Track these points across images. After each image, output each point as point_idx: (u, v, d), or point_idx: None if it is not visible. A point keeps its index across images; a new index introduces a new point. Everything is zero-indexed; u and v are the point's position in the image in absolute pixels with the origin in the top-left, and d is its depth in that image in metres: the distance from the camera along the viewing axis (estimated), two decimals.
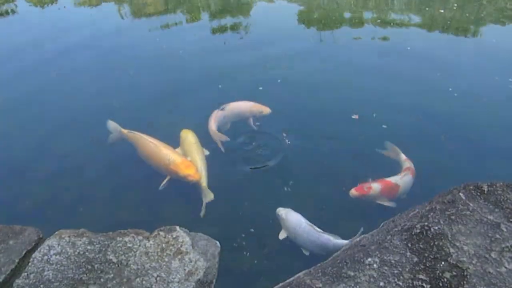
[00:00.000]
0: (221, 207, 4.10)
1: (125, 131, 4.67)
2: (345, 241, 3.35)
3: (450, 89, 5.83)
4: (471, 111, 5.46)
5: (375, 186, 4.02)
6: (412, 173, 4.21)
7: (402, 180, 4.13)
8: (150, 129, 4.75)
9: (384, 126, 5.04)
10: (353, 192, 4.00)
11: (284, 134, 4.91)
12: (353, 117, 5.15)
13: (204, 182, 4.24)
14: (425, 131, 5.08)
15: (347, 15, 9.13)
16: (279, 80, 5.95)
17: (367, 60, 6.78)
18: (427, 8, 9.36)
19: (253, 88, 5.74)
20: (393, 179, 4.13)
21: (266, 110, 5.06)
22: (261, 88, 5.66)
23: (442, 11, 9.14)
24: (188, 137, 4.71)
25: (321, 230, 3.52)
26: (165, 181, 4.16)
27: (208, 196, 4.13)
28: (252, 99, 5.26)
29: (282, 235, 3.65)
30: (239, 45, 7.47)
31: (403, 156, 4.40)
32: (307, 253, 3.54)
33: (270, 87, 5.80)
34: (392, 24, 8.51)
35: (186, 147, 4.60)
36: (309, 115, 5.28)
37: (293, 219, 3.65)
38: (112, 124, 4.80)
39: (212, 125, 4.90)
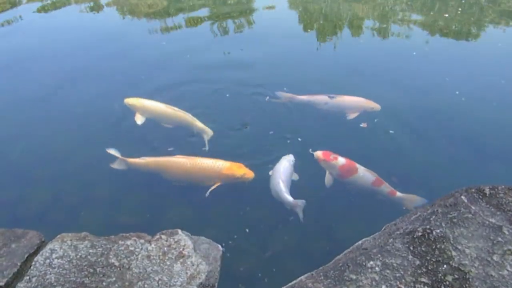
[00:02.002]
0: (223, 210, 4.11)
1: (143, 160, 4.41)
2: (290, 198, 3.80)
3: (457, 92, 5.85)
4: (476, 114, 5.49)
5: (340, 160, 4.21)
6: (378, 182, 4.13)
7: (365, 172, 4.18)
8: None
9: (391, 131, 5.05)
10: (319, 154, 4.28)
11: (300, 139, 4.92)
12: (361, 125, 5.15)
13: (198, 123, 4.90)
14: (429, 134, 5.10)
15: (349, 19, 9.15)
16: (285, 88, 5.97)
17: (373, 65, 6.80)
18: (431, 13, 9.37)
19: (261, 97, 5.76)
20: (359, 165, 4.21)
21: (378, 107, 5.28)
22: (267, 97, 5.70)
23: (446, 15, 9.15)
24: (140, 101, 5.20)
25: (283, 184, 3.93)
26: (213, 187, 4.14)
27: (208, 133, 4.80)
28: (260, 111, 5.41)
29: (270, 172, 4.21)
30: (240, 53, 7.50)
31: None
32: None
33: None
34: (396, 29, 8.54)
35: (149, 108, 5.12)
36: (318, 123, 5.30)
37: (279, 164, 4.17)
38: (121, 160, 4.46)
39: (303, 96, 5.34)
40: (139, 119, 5.07)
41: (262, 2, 10.15)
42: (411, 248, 2.02)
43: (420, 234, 2.08)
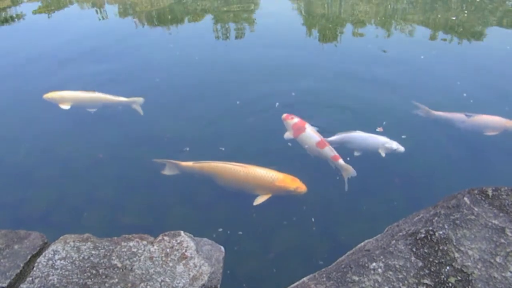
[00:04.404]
0: (226, 211, 4.11)
1: (197, 164, 4.38)
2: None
3: (465, 94, 5.85)
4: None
5: (294, 119, 4.97)
6: (322, 144, 4.58)
7: (311, 132, 4.73)
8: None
9: (403, 136, 5.04)
10: (284, 115, 5.10)
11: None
12: (377, 130, 5.14)
13: (122, 98, 5.48)
14: (434, 135, 5.09)
15: (352, 22, 9.15)
16: (293, 93, 5.97)
17: (380, 69, 6.79)
18: (439, 15, 9.36)
19: (270, 103, 5.78)
20: (309, 126, 4.84)
21: None
22: (277, 103, 5.71)
23: (454, 18, 9.14)
24: (58, 93, 5.51)
25: (339, 136, 4.81)
26: (264, 198, 4.08)
27: (137, 101, 5.43)
28: (269, 115, 5.42)
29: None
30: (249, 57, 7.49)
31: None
32: None
33: (285, 99, 5.85)
34: (401, 32, 8.54)
35: (67, 97, 5.47)
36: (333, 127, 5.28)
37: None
38: (170, 163, 4.46)
39: (439, 112, 5.37)
40: (64, 107, 5.42)
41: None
42: (414, 249, 2.01)
43: (422, 235, 2.07)
